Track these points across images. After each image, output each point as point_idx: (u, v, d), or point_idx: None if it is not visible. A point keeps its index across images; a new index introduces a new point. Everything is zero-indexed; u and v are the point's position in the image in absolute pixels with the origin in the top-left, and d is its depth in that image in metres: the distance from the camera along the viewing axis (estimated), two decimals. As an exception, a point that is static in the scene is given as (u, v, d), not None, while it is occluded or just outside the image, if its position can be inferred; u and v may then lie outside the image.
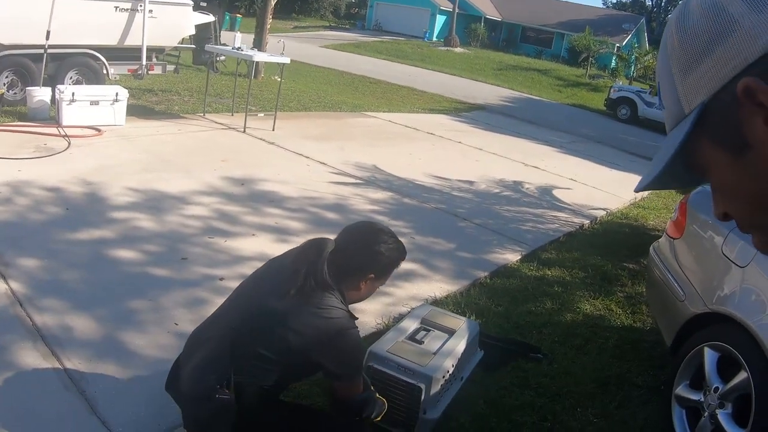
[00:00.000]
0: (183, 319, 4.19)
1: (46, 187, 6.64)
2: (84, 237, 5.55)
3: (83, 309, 4.31)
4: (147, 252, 5.38)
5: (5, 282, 4.53)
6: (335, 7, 65.34)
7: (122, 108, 10.05)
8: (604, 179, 11.56)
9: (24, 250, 5.10)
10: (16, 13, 10.64)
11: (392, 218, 7.07)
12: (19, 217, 5.81)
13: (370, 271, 2.82)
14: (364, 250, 2.84)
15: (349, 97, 17.79)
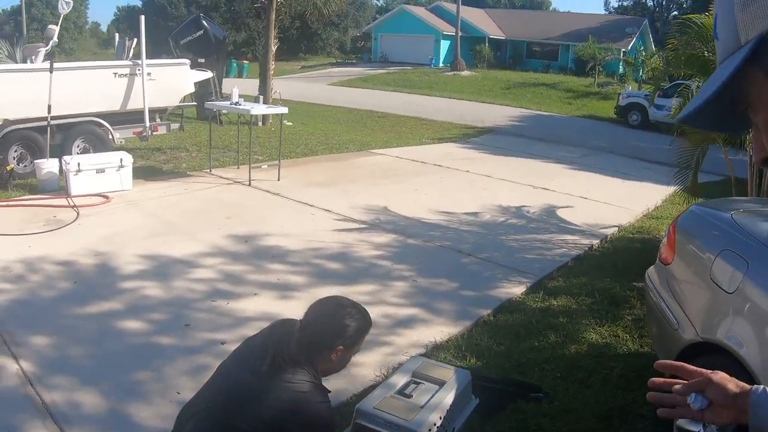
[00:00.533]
0: (185, 387, 4.23)
1: (55, 262, 6.78)
2: (91, 310, 5.64)
3: (90, 384, 4.39)
4: (152, 321, 5.45)
5: (16, 362, 4.64)
6: (340, 43, 65.84)
7: (128, 173, 10.19)
8: (616, 193, 11.52)
9: (34, 328, 5.21)
10: (18, 89, 10.89)
11: (395, 262, 7.09)
12: (30, 295, 5.95)
13: (339, 344, 2.87)
14: (329, 325, 2.91)
15: (356, 135, 17.87)
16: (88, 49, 67.81)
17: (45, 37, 13.21)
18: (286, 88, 28.25)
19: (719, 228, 3.88)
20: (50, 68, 10.91)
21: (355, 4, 61.90)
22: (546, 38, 50.67)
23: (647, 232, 9.05)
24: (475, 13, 54.35)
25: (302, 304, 5.31)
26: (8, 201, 9.50)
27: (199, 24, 16.15)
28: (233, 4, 45.20)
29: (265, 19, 19.88)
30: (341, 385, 4.14)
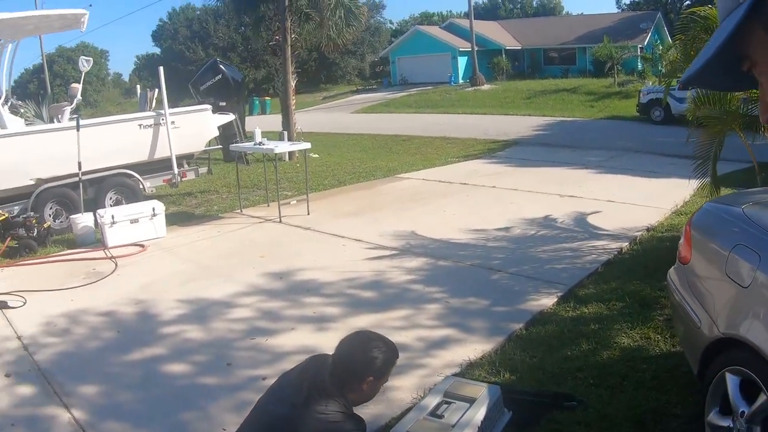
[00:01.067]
0: (230, 423, 4.37)
1: (98, 313, 7.03)
2: (136, 357, 5.86)
3: (140, 426, 4.61)
4: (195, 362, 5.63)
5: (68, 411, 4.85)
6: (359, 69, 66.18)
7: (161, 220, 10.43)
8: (643, 192, 11.56)
9: (82, 378, 5.43)
10: (48, 148, 11.22)
11: (427, 285, 7.21)
12: (75, 346, 6.19)
13: (369, 375, 3.09)
14: (359, 358, 3.13)
15: (382, 161, 18.04)
16: (112, 99, 68.72)
17: (69, 95, 13.59)
18: (309, 120, 28.60)
19: (731, 223, 3.95)
20: (77, 126, 11.21)
21: (369, 30, 62.17)
22: (562, 43, 50.64)
23: (677, 230, 9.04)
24: (489, 26, 54.47)
25: (338, 335, 5.47)
26: (48, 257, 9.81)
27: (216, 69, 16.41)
28: (250, 43, 45.65)
29: (282, 56, 20.19)
30: (379, 409, 4.26)
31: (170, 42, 67.45)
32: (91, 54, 62.22)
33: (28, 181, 11.24)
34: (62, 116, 12.92)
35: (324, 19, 20.24)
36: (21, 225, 10.26)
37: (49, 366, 5.73)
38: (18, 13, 12.45)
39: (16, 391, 5.29)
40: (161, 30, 71.03)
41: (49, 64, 59.75)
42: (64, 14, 12.93)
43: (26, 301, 7.56)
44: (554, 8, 73.84)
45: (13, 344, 6.32)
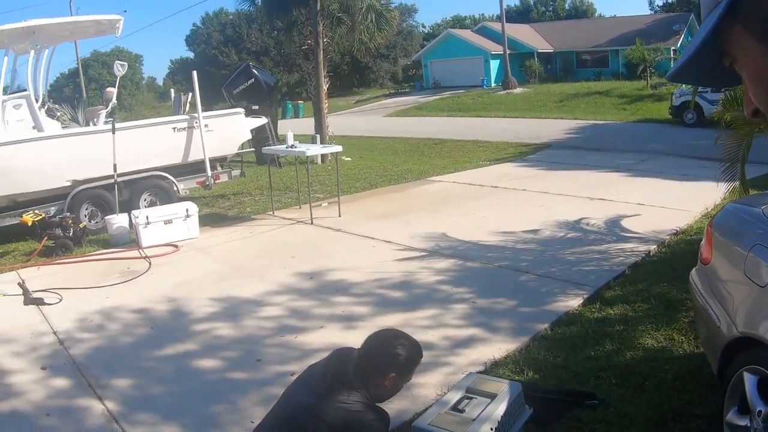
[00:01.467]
0: (259, 416, 4.44)
1: (132, 310, 7.24)
2: (169, 352, 6.04)
3: (171, 418, 4.75)
4: (225, 358, 5.78)
5: (102, 403, 5.04)
6: (392, 73, 66.18)
7: (194, 221, 10.61)
8: (674, 196, 11.54)
9: (116, 371, 5.63)
10: (84, 151, 11.44)
11: (455, 285, 7.29)
12: (110, 342, 6.40)
13: (391, 371, 3.19)
14: (384, 354, 3.24)
15: (414, 164, 18.14)
16: (147, 103, 69.36)
17: (104, 99, 13.82)
18: (342, 123, 28.74)
19: (751, 224, 3.99)
20: (112, 129, 11.43)
21: (401, 34, 62.24)
22: (594, 46, 50.35)
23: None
24: (521, 30, 54.31)
25: (366, 333, 5.58)
26: (83, 256, 10.05)
27: (249, 73, 16.63)
28: (283, 48, 45.95)
29: (314, 60, 20.32)
30: (404, 405, 4.36)
31: (204, 46, 68.00)
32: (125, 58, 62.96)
33: (65, 182, 11.49)
34: (98, 119, 13.16)
35: (356, 23, 20.37)
36: (57, 225, 10.49)
37: (83, 360, 5.93)
38: (54, 20, 12.72)
39: (51, 383, 5.50)
40: (195, 35, 71.62)
41: (85, 69, 60.54)
42: (98, 20, 13.18)
43: (62, 298, 7.78)
44: (587, 10, 73.41)
45: (49, 339, 6.55)
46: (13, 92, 12.40)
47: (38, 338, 6.59)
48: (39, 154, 11.30)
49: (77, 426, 4.76)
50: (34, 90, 12.31)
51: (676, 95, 25.05)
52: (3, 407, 5.14)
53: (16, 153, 11.18)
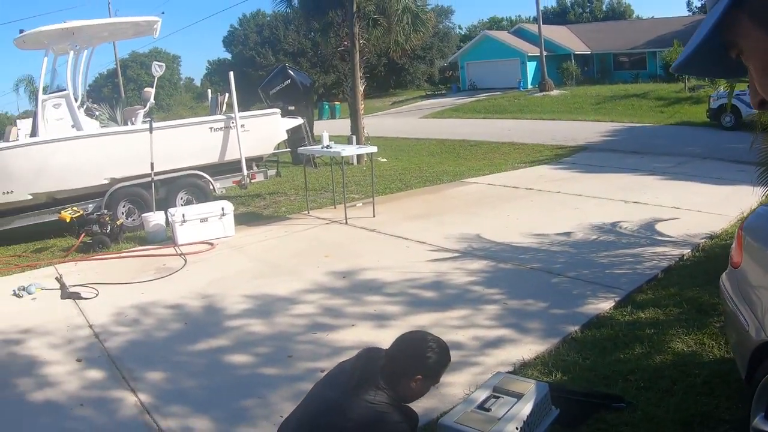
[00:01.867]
0: (288, 411, 4.49)
1: (167, 305, 7.41)
2: (202, 347, 6.17)
3: (202, 411, 4.86)
4: (257, 354, 5.89)
5: (135, 395, 5.19)
6: (428, 75, 66.08)
7: (230, 220, 10.74)
8: (709, 200, 11.42)
9: (150, 365, 5.78)
10: (122, 150, 11.63)
11: (487, 286, 7.32)
12: (145, 336, 6.57)
13: (418, 374, 3.21)
14: (412, 356, 3.27)
15: (450, 166, 18.18)
16: (184, 103, 69.92)
17: (142, 99, 14.03)
18: (378, 125, 28.79)
19: (781, 227, 3.98)
20: (150, 128, 11.60)
21: (438, 35, 62.16)
22: (632, 48, 49.89)
23: (741, 238, 8.97)
24: (558, 31, 54.03)
25: (397, 332, 5.64)
26: (120, 253, 10.24)
27: (285, 74, 16.78)
28: (319, 49, 46.15)
29: (350, 61, 20.39)
30: (432, 403, 4.41)
31: (241, 47, 68.38)
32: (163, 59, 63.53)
33: (103, 180, 11.70)
34: (136, 119, 13.35)
35: (391, 25, 20.39)
36: (95, 222, 10.69)
37: (118, 353, 6.09)
38: (93, 21, 12.95)
39: (85, 374, 5.67)
40: (232, 36, 72.04)
41: (123, 69, 61.17)
42: (137, 21, 13.39)
43: (98, 293, 7.97)
44: (624, 12, 72.78)
45: (84, 332, 6.72)
46: (53, 92, 12.63)
47: (74, 331, 6.78)
48: (77, 152, 11.52)
49: (110, 417, 4.89)
50: (73, 89, 12.52)
51: (714, 98, 24.67)
52: (39, 397, 5.31)
53: (56, 151, 11.41)
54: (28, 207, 11.76)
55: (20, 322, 7.22)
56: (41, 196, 11.68)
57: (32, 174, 11.39)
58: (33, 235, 12.03)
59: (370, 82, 26.47)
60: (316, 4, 21.27)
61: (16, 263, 10.34)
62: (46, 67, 12.28)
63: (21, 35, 12.28)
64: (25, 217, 11.83)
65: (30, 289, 8.35)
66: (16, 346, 6.55)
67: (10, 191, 11.33)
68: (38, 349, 6.41)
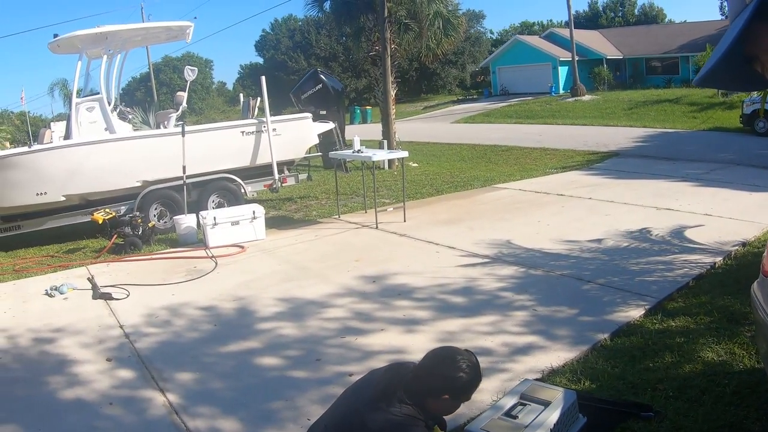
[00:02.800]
0: (316, 414, 4.56)
1: (197, 307, 7.51)
2: (231, 349, 6.25)
3: (230, 412, 4.92)
4: (286, 357, 5.93)
5: (164, 395, 5.28)
6: (460, 79, 66.05)
7: (261, 223, 10.83)
8: (742, 206, 11.31)
9: (180, 365, 5.87)
10: (154, 153, 11.78)
11: (516, 293, 7.31)
12: (175, 337, 6.67)
13: (444, 393, 3.21)
14: (438, 375, 3.24)
15: (481, 171, 18.16)
16: (216, 107, 70.37)
17: (175, 102, 14.17)
18: (409, 129, 28.85)
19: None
20: (182, 132, 11.72)
21: (469, 40, 62.15)
22: (665, 52, 49.44)
23: (774, 245, 8.89)
24: (590, 36, 53.78)
25: (426, 338, 5.73)
26: (152, 255, 10.38)
27: (317, 78, 16.84)
28: (351, 53, 46.26)
29: (382, 66, 20.46)
30: (459, 410, 4.40)
31: (273, 52, 68.78)
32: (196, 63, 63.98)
33: (135, 182, 11.85)
34: (168, 122, 13.49)
35: (423, 30, 20.47)
36: (127, 224, 10.84)
37: (147, 353, 6.20)
38: (126, 26, 13.12)
39: (115, 374, 5.78)
40: (264, 40, 72.49)
41: (156, 73, 61.75)
42: (170, 26, 13.55)
43: (129, 294, 8.10)
44: (656, 16, 72.23)
45: (115, 332, 6.85)
46: (87, 95, 12.80)
47: (105, 331, 6.91)
48: (111, 155, 11.67)
49: (139, 416, 4.97)
50: (106, 93, 12.67)
51: (747, 103, 24.43)
52: (69, 395, 5.42)
53: (89, 154, 11.57)
54: (62, 208, 11.93)
55: (52, 321, 7.39)
56: (74, 198, 11.83)
57: (66, 176, 11.55)
58: (66, 236, 12.22)
59: (402, 87, 26.59)
60: (347, 9, 21.39)
61: (48, 263, 10.51)
62: (79, 71, 12.46)
63: (55, 39, 12.47)
64: (58, 218, 12.02)
65: (62, 288, 8.51)
66: (47, 345, 6.69)
67: (44, 192, 11.50)
68: (69, 347, 6.53)
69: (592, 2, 76.65)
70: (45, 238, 12.16)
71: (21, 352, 6.62)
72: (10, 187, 11.41)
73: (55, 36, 12.47)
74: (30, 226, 12.05)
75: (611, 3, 75.46)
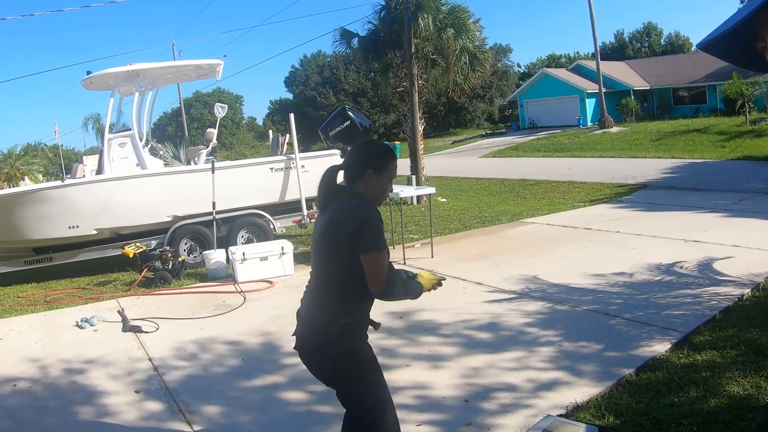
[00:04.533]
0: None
1: (225, 341, 7.62)
2: (258, 383, 6.34)
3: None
4: (312, 392, 5.93)
5: (190, 427, 5.38)
6: (488, 113, 66.25)
7: (289, 259, 10.93)
8: (771, 237, 11.29)
9: (207, 398, 5.97)
10: (185, 188, 11.97)
11: (542, 328, 7.32)
12: (203, 370, 6.77)
13: (367, 168, 3.61)
14: (354, 156, 3.69)
15: (509, 206, 18.22)
16: (246, 142, 71.09)
17: (205, 139, 14.40)
18: (438, 164, 28.97)
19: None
20: (212, 168, 11.91)
21: (497, 74, 62.41)
22: (691, 82, 49.24)
23: (804, 277, 8.84)
24: (616, 67, 53.79)
25: (450, 374, 5.79)
26: (181, 289, 10.52)
27: (345, 115, 16.96)
28: (379, 89, 46.62)
29: (409, 101, 20.63)
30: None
31: (302, 87, 69.41)
32: (226, 99, 64.77)
33: (166, 217, 12.05)
34: (198, 158, 13.71)
35: (450, 65, 20.63)
36: (157, 258, 11.01)
37: (175, 386, 6.31)
38: (158, 64, 13.42)
39: (144, 406, 5.90)
40: (293, 76, 73.19)
41: (187, 108, 62.54)
42: (200, 64, 13.81)
43: (159, 327, 8.24)
44: (683, 45, 72.19)
45: (144, 365, 6.96)
46: (119, 131, 13.07)
47: (134, 363, 7.03)
48: (142, 190, 11.90)
49: (166, 448, 5.04)
50: (138, 129, 12.92)
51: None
52: (98, 425, 5.56)
53: (120, 188, 11.79)
54: (93, 241, 12.16)
55: (82, 352, 7.55)
56: (105, 232, 12.05)
57: (97, 210, 11.79)
58: (97, 269, 12.41)
59: (430, 122, 26.74)
60: (374, 46, 21.63)
61: (80, 295, 10.71)
62: (112, 108, 12.75)
63: (88, 76, 12.76)
64: (89, 250, 12.25)
65: (92, 321, 8.67)
66: (77, 376, 6.83)
67: (76, 226, 11.74)
68: (98, 379, 6.66)
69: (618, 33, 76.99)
70: (76, 271, 12.38)
71: (51, 382, 6.78)
72: (42, 220, 11.67)
73: (88, 73, 12.77)
74: (62, 258, 12.31)
75: (637, 34, 75.63)
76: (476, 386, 5.79)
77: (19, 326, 9.09)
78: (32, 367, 7.23)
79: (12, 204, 11.76)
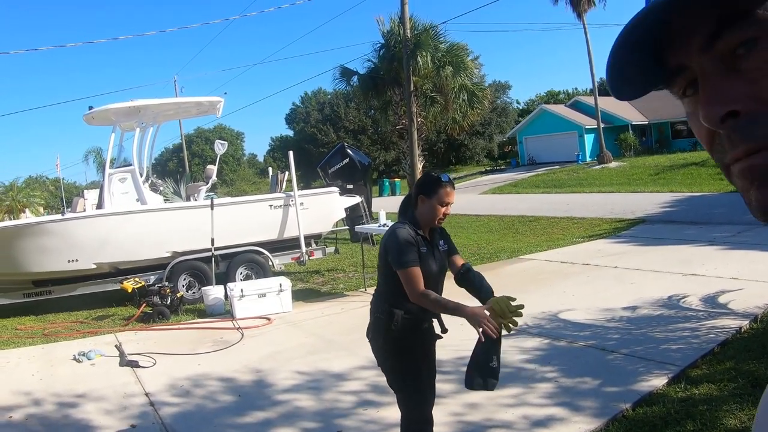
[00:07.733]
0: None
1: (222, 378, 7.65)
2: (252, 420, 6.36)
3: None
4: (306, 429, 6.03)
5: None
6: (488, 150, 66.45)
7: (287, 296, 10.97)
8: (769, 269, 11.30)
9: None
10: (184, 225, 12.04)
11: (540, 364, 7.33)
12: (197, 407, 6.80)
13: (419, 194, 4.35)
14: (414, 186, 4.57)
15: (507, 242, 18.24)
16: (247, 178, 71.23)
17: (205, 176, 14.50)
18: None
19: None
20: (211, 205, 11.98)
21: (496, 111, 62.71)
22: (689, 115, 49.49)
23: (802, 309, 8.85)
24: (614, 102, 53.70)
25: (448, 410, 5.82)
26: (179, 324, 10.58)
27: (344, 153, 17.08)
28: (379, 126, 46.92)
29: (408, 139, 20.74)
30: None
31: (302, 125, 69.68)
32: (227, 135, 65.07)
33: (165, 253, 12.11)
34: (198, 195, 13.79)
35: (448, 103, 20.78)
36: (156, 293, 11.07)
37: (171, 420, 6.37)
38: (159, 100, 13.56)
39: None
40: (294, 113, 73.47)
41: (188, 144, 62.86)
42: (200, 101, 13.94)
43: (156, 363, 8.25)
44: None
45: (140, 399, 7.02)
46: (119, 166, 13.16)
47: (130, 398, 7.08)
48: (141, 225, 11.98)
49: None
50: (138, 164, 13.02)
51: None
52: None
53: (120, 224, 11.88)
54: (92, 276, 12.20)
55: (79, 386, 7.60)
56: (105, 266, 12.11)
57: (97, 244, 11.85)
58: (95, 303, 12.46)
59: (430, 159, 26.84)
60: (374, 84, 21.79)
61: (78, 329, 10.76)
62: (113, 143, 12.84)
63: (90, 112, 12.88)
64: (88, 284, 12.29)
65: (90, 354, 8.70)
66: (73, 409, 6.88)
67: (75, 260, 11.80)
68: (94, 413, 6.71)
69: (616, 69, 77.01)
70: (75, 304, 12.42)
71: (47, 415, 6.82)
72: (42, 253, 11.73)
73: (90, 108, 12.88)
74: (61, 291, 12.37)
75: (635, 69, 75.83)
76: (471, 424, 5.80)
77: (17, 358, 9.14)
78: (28, 399, 7.28)
79: (12, 237, 11.83)
